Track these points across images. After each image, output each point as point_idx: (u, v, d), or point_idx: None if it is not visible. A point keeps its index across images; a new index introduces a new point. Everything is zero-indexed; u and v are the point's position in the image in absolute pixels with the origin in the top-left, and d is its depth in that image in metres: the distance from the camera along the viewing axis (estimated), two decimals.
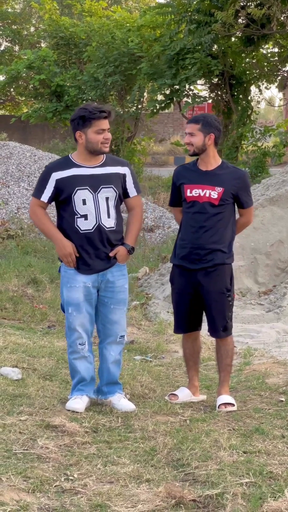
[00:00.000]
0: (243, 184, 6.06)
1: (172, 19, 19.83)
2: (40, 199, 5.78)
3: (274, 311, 9.27)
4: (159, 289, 10.13)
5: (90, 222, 5.72)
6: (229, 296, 6.02)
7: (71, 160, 5.81)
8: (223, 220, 5.97)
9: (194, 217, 5.96)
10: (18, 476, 4.49)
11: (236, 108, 20.15)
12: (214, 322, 6.02)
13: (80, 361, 5.87)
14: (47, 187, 5.76)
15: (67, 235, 5.77)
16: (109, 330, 5.88)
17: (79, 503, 4.21)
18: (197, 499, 4.26)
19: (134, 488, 4.41)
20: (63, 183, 5.72)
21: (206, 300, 5.99)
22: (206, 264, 5.94)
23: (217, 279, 5.96)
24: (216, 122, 6.01)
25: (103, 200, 5.73)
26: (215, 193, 5.92)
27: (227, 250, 6.00)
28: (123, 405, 5.85)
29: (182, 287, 6.05)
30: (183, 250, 6.02)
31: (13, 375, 6.47)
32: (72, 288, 5.78)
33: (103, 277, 5.80)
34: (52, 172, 5.77)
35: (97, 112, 5.63)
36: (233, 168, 6.16)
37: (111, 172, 5.79)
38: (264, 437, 5.24)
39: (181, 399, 6.08)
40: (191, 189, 5.97)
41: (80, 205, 5.72)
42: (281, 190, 11.04)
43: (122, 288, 5.87)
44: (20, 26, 41.05)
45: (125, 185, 5.85)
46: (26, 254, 12.47)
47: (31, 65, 24.58)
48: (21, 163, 16.41)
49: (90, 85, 23.04)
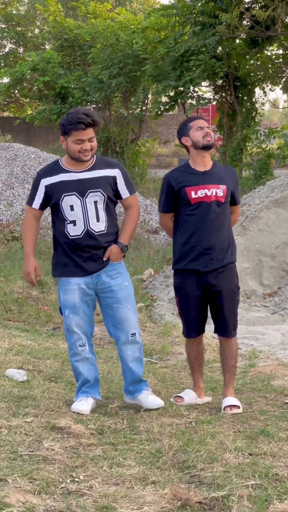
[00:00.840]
0: (236, 182, 6.14)
1: (177, 21, 19.84)
2: (32, 206, 5.84)
3: (279, 313, 9.27)
4: (164, 291, 10.13)
5: (79, 228, 5.73)
6: (238, 294, 6.07)
7: (60, 165, 5.82)
8: (227, 218, 6.00)
9: (202, 218, 5.92)
10: (24, 477, 4.49)
11: (240, 110, 20.15)
12: (226, 322, 6.01)
13: (82, 363, 5.88)
14: (37, 193, 5.80)
15: (58, 240, 5.82)
16: (119, 330, 5.87)
17: (85, 505, 4.21)
18: (203, 501, 4.26)
19: (140, 490, 4.41)
20: (51, 189, 5.75)
21: (218, 300, 5.97)
22: (218, 264, 5.92)
23: (228, 279, 5.97)
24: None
25: (91, 205, 5.73)
26: (221, 191, 5.93)
27: (232, 248, 6.02)
28: (151, 402, 5.87)
29: (191, 290, 6.00)
30: (190, 253, 5.95)
31: (19, 377, 6.47)
32: (67, 291, 5.80)
33: (98, 278, 5.80)
34: (42, 179, 5.79)
35: (75, 123, 5.60)
36: (224, 166, 6.24)
37: (99, 176, 5.77)
38: (270, 439, 5.24)
39: (186, 401, 6.08)
40: (195, 191, 5.94)
41: (68, 211, 5.73)
42: (286, 192, 11.03)
43: (121, 285, 5.84)
44: (25, 28, 41.10)
45: (116, 187, 5.83)
46: None
47: (36, 67, 24.59)
48: (25, 165, 16.42)
49: (94, 87, 23.05)
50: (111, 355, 7.48)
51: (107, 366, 7.00)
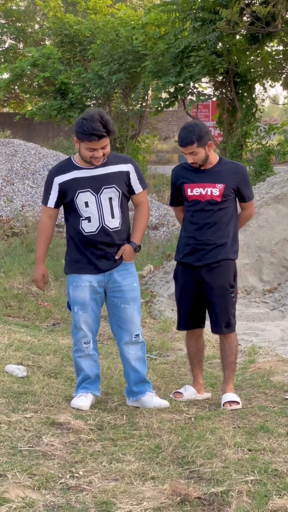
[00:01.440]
0: (243, 178, 6.06)
1: (177, 16, 19.81)
2: (47, 205, 5.82)
3: (278, 309, 9.27)
4: (163, 287, 10.13)
5: (94, 224, 5.71)
6: (232, 292, 6.03)
7: (73, 162, 5.79)
8: (226, 215, 5.98)
9: (197, 215, 5.96)
10: (24, 473, 4.50)
11: (240, 106, 20.14)
12: (217, 318, 6.03)
13: (84, 359, 5.88)
14: (52, 192, 5.78)
15: (72, 237, 5.80)
16: (123, 330, 5.87)
17: (84, 500, 4.22)
18: (202, 497, 4.26)
19: (139, 486, 4.42)
20: (65, 186, 5.73)
21: (209, 296, 6.00)
22: (210, 260, 5.94)
23: (221, 275, 5.97)
24: (203, 128, 5.92)
25: (106, 201, 5.72)
26: (217, 190, 5.93)
27: (231, 245, 6.00)
28: (157, 403, 5.86)
29: (185, 284, 6.06)
30: (186, 247, 6.02)
31: (18, 373, 6.48)
32: (77, 287, 5.79)
33: (110, 276, 5.80)
34: (54, 177, 5.77)
35: (89, 135, 5.54)
36: (231, 163, 6.16)
37: (113, 171, 5.75)
38: (269, 435, 5.25)
39: (186, 397, 6.08)
40: (191, 188, 5.97)
41: (83, 207, 5.71)
42: (286, 188, 11.03)
43: (131, 286, 5.85)
44: (25, 23, 41.05)
45: (129, 182, 5.82)
46: (31, 251, 12.47)
47: (36, 62, 24.56)
48: (25, 160, 16.43)
49: (94, 83, 23.02)
50: (110, 351, 7.49)
51: (106, 362, 7.00)
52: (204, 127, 5.95)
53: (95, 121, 5.54)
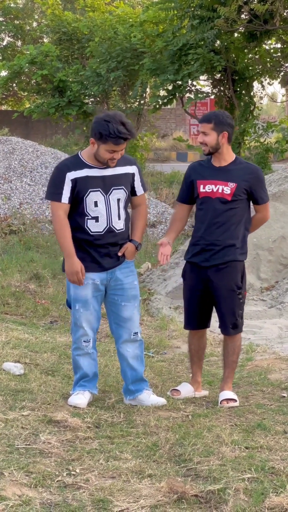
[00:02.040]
0: (257, 180, 6.02)
1: (175, 14, 19.77)
2: (61, 201, 5.68)
3: (276, 307, 9.27)
4: (161, 284, 10.13)
5: (101, 225, 5.70)
6: (240, 293, 6.00)
7: (82, 160, 5.74)
8: (236, 216, 5.95)
9: (207, 213, 5.94)
10: (21, 471, 4.50)
11: (238, 103, 20.11)
12: (224, 319, 6.02)
13: (83, 358, 5.87)
14: (65, 187, 5.67)
15: (75, 235, 5.72)
16: (122, 328, 5.86)
17: (81, 498, 4.22)
18: (199, 494, 4.26)
19: (136, 483, 4.42)
20: (78, 183, 5.67)
21: (216, 296, 5.98)
22: (218, 261, 5.92)
23: (228, 276, 5.95)
24: (228, 119, 5.97)
25: (114, 202, 5.71)
26: (228, 189, 5.91)
27: (240, 247, 5.98)
28: (154, 400, 5.85)
29: (193, 283, 6.05)
30: (195, 247, 6.01)
31: (16, 370, 6.48)
32: (80, 285, 5.77)
33: (112, 274, 5.79)
34: (67, 172, 5.69)
35: (116, 137, 5.51)
36: (246, 163, 6.14)
37: (121, 173, 5.75)
38: (266, 432, 5.25)
39: (183, 395, 6.08)
40: (204, 185, 5.97)
41: (92, 206, 5.68)
42: (283, 186, 11.02)
43: (132, 284, 5.85)
44: (23, 21, 40.98)
45: (133, 184, 5.84)
46: (29, 249, 12.48)
47: (34, 60, 24.53)
48: (23, 158, 16.40)
49: (92, 81, 23.00)
50: (108, 349, 7.48)
51: (104, 360, 6.99)
52: (230, 119, 6.00)
53: (119, 124, 5.52)
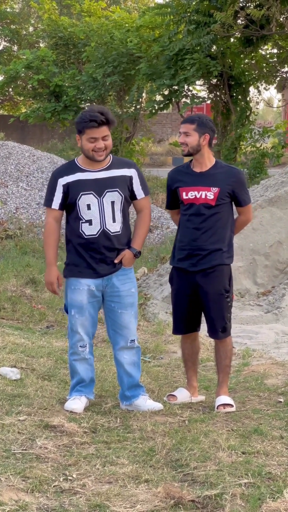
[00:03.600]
0: (239, 182, 6.02)
1: (171, 19, 19.83)
2: (52, 207, 5.76)
3: (272, 312, 9.27)
4: (157, 289, 10.13)
5: (95, 227, 5.69)
6: (228, 297, 6.01)
7: (76, 164, 5.77)
8: (221, 220, 5.96)
9: (192, 219, 5.95)
10: (17, 476, 4.49)
11: (235, 109, 20.16)
12: (213, 323, 6.02)
13: (80, 363, 5.87)
14: (56, 194, 5.73)
15: (71, 240, 5.77)
16: (119, 335, 5.86)
17: (78, 503, 4.21)
18: (196, 500, 4.26)
19: (133, 489, 4.41)
20: (69, 187, 5.70)
21: (205, 301, 5.99)
22: (205, 265, 5.93)
23: (216, 280, 5.95)
24: (210, 122, 6.01)
25: (108, 205, 5.69)
26: (211, 194, 5.91)
27: (227, 250, 5.99)
28: (150, 405, 5.85)
29: (181, 288, 6.05)
30: (181, 252, 6.01)
31: (12, 375, 6.46)
32: (76, 291, 5.77)
33: (108, 281, 5.78)
34: (58, 178, 5.74)
35: (88, 121, 5.56)
36: (227, 167, 6.13)
37: (116, 175, 5.74)
38: (263, 437, 5.24)
39: (179, 400, 6.08)
40: (186, 192, 5.96)
41: (85, 210, 5.69)
42: (280, 191, 11.03)
43: (129, 292, 5.83)
44: (19, 26, 41.04)
45: (131, 187, 5.80)
46: (25, 254, 12.47)
47: (30, 65, 24.57)
48: (19, 163, 16.40)
49: (88, 85, 23.04)
50: (104, 354, 7.48)
51: (100, 365, 6.99)
52: (211, 123, 6.04)
53: (93, 110, 5.61)
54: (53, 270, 5.81)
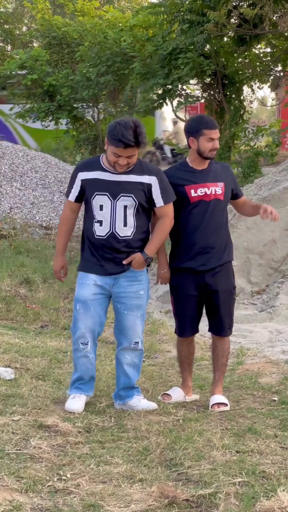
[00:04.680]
0: (233, 176, 6.14)
1: (165, 19, 19.80)
2: (68, 198, 5.84)
3: (267, 310, 9.28)
4: (151, 289, 10.13)
5: (104, 229, 5.69)
6: (234, 293, 6.06)
7: (100, 162, 5.75)
8: (225, 217, 5.99)
9: (201, 216, 5.88)
10: (11, 476, 4.48)
11: (228, 108, 20.15)
12: (222, 321, 6.01)
13: (81, 360, 5.88)
14: (74, 186, 5.78)
15: (85, 236, 5.82)
16: (123, 336, 5.86)
17: (72, 503, 4.21)
18: (190, 499, 4.26)
19: (127, 488, 4.41)
20: (86, 184, 5.72)
21: (215, 300, 5.96)
22: (215, 263, 5.90)
23: (225, 278, 5.96)
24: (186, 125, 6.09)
25: (121, 208, 5.66)
26: (219, 189, 5.92)
27: (230, 247, 6.02)
28: (144, 405, 5.85)
29: (188, 290, 5.97)
30: (189, 252, 5.92)
31: (6, 375, 6.46)
32: (82, 285, 5.79)
33: (116, 281, 5.76)
34: (79, 172, 5.76)
35: (117, 140, 5.48)
36: (219, 163, 6.18)
37: (134, 181, 5.66)
38: (257, 436, 5.25)
39: (174, 399, 6.08)
40: (195, 189, 5.89)
41: (98, 210, 5.69)
42: (274, 190, 11.04)
43: (137, 294, 5.79)
44: (12, 25, 40.93)
45: (150, 195, 5.70)
46: (19, 254, 12.45)
47: (23, 64, 24.51)
48: (13, 163, 16.38)
49: (82, 85, 23.00)
50: (99, 353, 7.46)
51: None
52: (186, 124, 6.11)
53: (128, 128, 5.49)
54: (60, 259, 5.95)
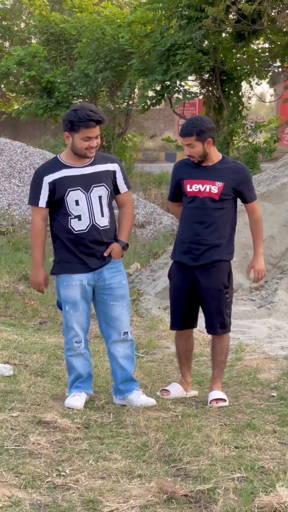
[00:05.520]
0: (244, 179, 6.04)
1: (163, 14, 19.78)
2: (38, 205, 5.77)
3: (265, 306, 9.28)
4: (150, 285, 10.13)
5: (84, 223, 5.71)
6: (227, 293, 6.02)
7: (60, 161, 5.80)
8: (224, 216, 5.97)
9: (194, 212, 5.95)
10: (10, 472, 4.49)
11: (227, 104, 20.14)
12: (211, 319, 6.02)
13: (76, 358, 5.88)
14: (42, 192, 5.74)
15: (60, 237, 5.79)
16: (111, 328, 5.87)
17: (71, 499, 4.21)
18: (189, 494, 4.26)
19: (126, 484, 4.41)
20: (55, 185, 5.71)
21: (204, 296, 5.98)
22: (205, 260, 5.92)
23: (215, 276, 5.96)
24: (207, 123, 5.96)
25: (96, 199, 5.73)
26: (215, 188, 5.92)
27: (227, 246, 5.99)
28: (143, 401, 5.85)
29: (180, 283, 6.05)
30: (182, 246, 6.01)
31: (5, 372, 6.46)
32: (68, 287, 5.79)
33: (99, 274, 5.80)
34: (44, 176, 5.75)
35: (86, 121, 5.58)
36: (233, 162, 6.14)
37: (101, 170, 5.78)
38: (256, 432, 5.25)
39: (173, 395, 6.08)
40: (191, 184, 5.97)
41: (73, 206, 5.71)
42: (272, 185, 11.04)
43: (120, 284, 5.85)
44: (10, 22, 40.87)
45: (115, 181, 5.85)
46: (17, 250, 12.46)
47: (22, 61, 24.49)
48: (12, 159, 16.37)
49: (80, 81, 22.98)
50: (97, 349, 7.48)
51: (93, 360, 6.95)
52: (208, 123, 5.98)
53: (87, 109, 5.62)
54: (41, 271, 5.89)
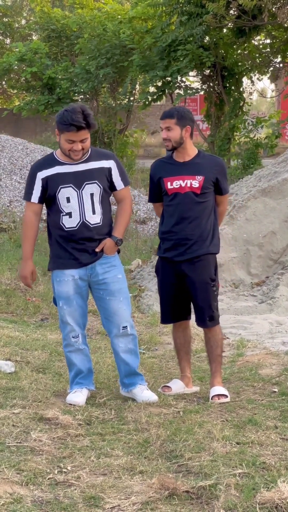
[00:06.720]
0: (222, 171, 6.10)
1: (164, 10, 19.80)
2: (31, 201, 5.82)
3: (267, 302, 9.27)
4: (151, 281, 10.12)
5: (74, 220, 5.73)
6: (214, 286, 6.04)
7: (55, 157, 5.82)
8: (206, 209, 6.00)
9: (177, 208, 5.97)
10: (12, 469, 4.49)
11: (228, 99, 20.14)
12: (200, 313, 6.05)
13: (75, 354, 5.88)
14: (35, 187, 5.79)
15: (53, 232, 5.84)
16: (110, 323, 5.88)
17: (72, 496, 4.21)
18: (191, 490, 4.26)
19: (128, 480, 4.42)
20: (48, 181, 5.74)
21: (192, 290, 6.01)
22: (191, 255, 5.95)
23: (202, 270, 5.98)
24: (189, 114, 6.05)
25: (87, 197, 5.73)
26: (196, 182, 5.94)
27: (212, 239, 6.01)
28: (145, 396, 5.86)
29: (167, 277, 6.08)
30: (167, 242, 6.03)
31: (6, 368, 6.47)
32: (61, 282, 5.81)
33: (92, 270, 5.81)
34: (37, 172, 5.78)
35: (67, 124, 5.56)
36: (209, 156, 6.22)
37: (95, 167, 5.77)
38: (257, 428, 5.25)
39: (174, 391, 6.08)
40: (171, 181, 5.98)
41: (65, 203, 5.73)
42: (273, 181, 11.03)
43: (115, 278, 5.86)
44: (12, 18, 40.87)
45: (111, 178, 5.84)
46: (19, 247, 12.43)
47: (23, 57, 24.51)
48: (13, 156, 16.37)
49: (82, 78, 23.00)
50: (99, 346, 7.48)
51: (95, 357, 6.98)
52: (189, 113, 6.06)
53: (76, 113, 5.58)
54: (29, 264, 5.90)
